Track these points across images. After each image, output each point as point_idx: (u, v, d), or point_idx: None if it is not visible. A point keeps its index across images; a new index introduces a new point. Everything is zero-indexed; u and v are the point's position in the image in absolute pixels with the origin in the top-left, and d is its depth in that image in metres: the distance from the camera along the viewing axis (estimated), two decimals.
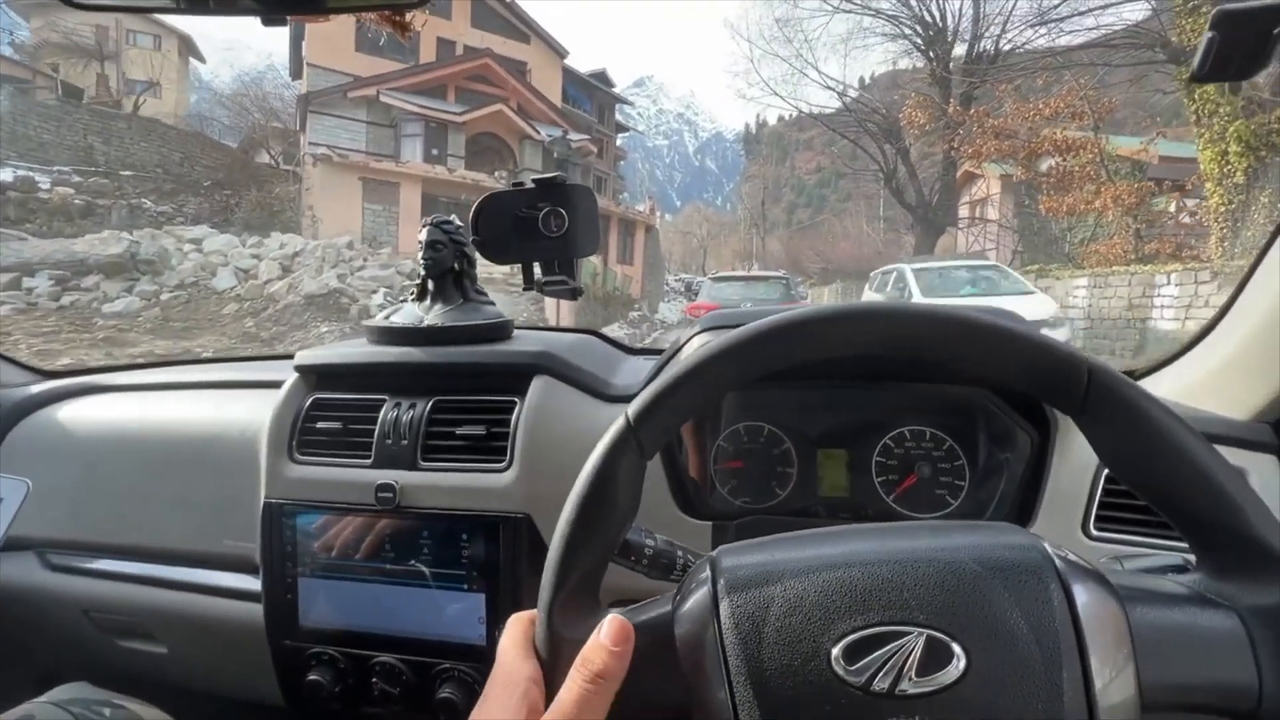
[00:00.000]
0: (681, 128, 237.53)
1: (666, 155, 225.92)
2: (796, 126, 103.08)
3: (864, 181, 37.61)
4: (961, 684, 0.34)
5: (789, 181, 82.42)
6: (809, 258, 41.45)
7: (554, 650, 0.41)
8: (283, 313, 9.53)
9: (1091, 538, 0.72)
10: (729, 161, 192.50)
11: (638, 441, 0.44)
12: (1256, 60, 0.62)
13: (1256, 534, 0.37)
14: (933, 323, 0.42)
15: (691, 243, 65.64)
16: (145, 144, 20.00)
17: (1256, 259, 0.75)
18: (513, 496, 0.81)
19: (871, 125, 24.28)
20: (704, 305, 10.40)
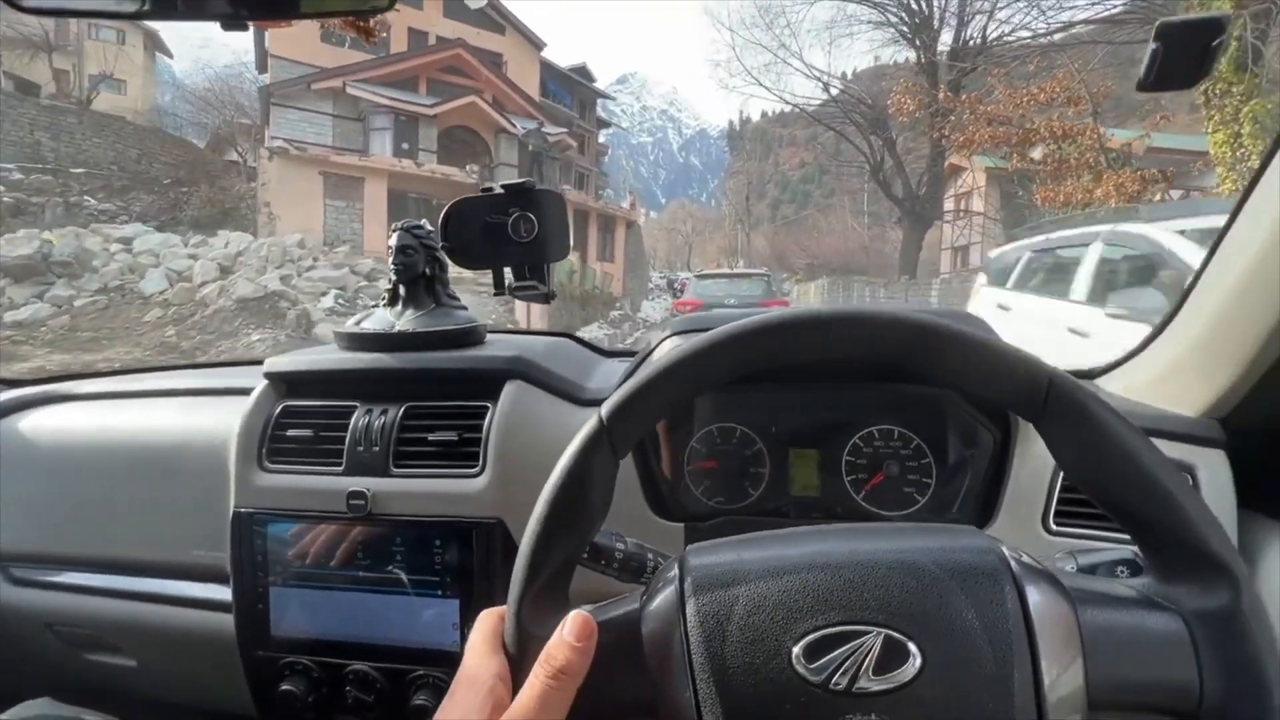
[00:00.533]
0: (665, 125, 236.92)
1: (651, 152, 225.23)
2: (780, 122, 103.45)
3: (848, 177, 37.90)
4: (916, 682, 0.36)
5: (773, 177, 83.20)
6: (794, 253, 40.91)
7: (522, 647, 0.42)
8: (211, 319, 8.60)
9: (1051, 532, 0.75)
10: (713, 158, 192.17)
11: (610, 441, 0.44)
12: (1198, 69, 0.66)
13: (1201, 540, 0.38)
14: (898, 328, 0.43)
15: (677, 239, 65.22)
16: (99, 140, 18.86)
17: (1206, 258, 0.76)
18: (485, 502, 0.81)
19: (857, 116, 23.56)
20: (690, 301, 10.51)
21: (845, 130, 24.00)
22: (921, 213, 22.36)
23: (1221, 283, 0.73)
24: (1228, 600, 0.37)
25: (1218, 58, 0.65)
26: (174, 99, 28.76)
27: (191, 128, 24.47)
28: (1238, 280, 0.70)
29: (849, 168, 30.68)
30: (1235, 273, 0.71)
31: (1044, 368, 0.42)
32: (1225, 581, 0.38)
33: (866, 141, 23.06)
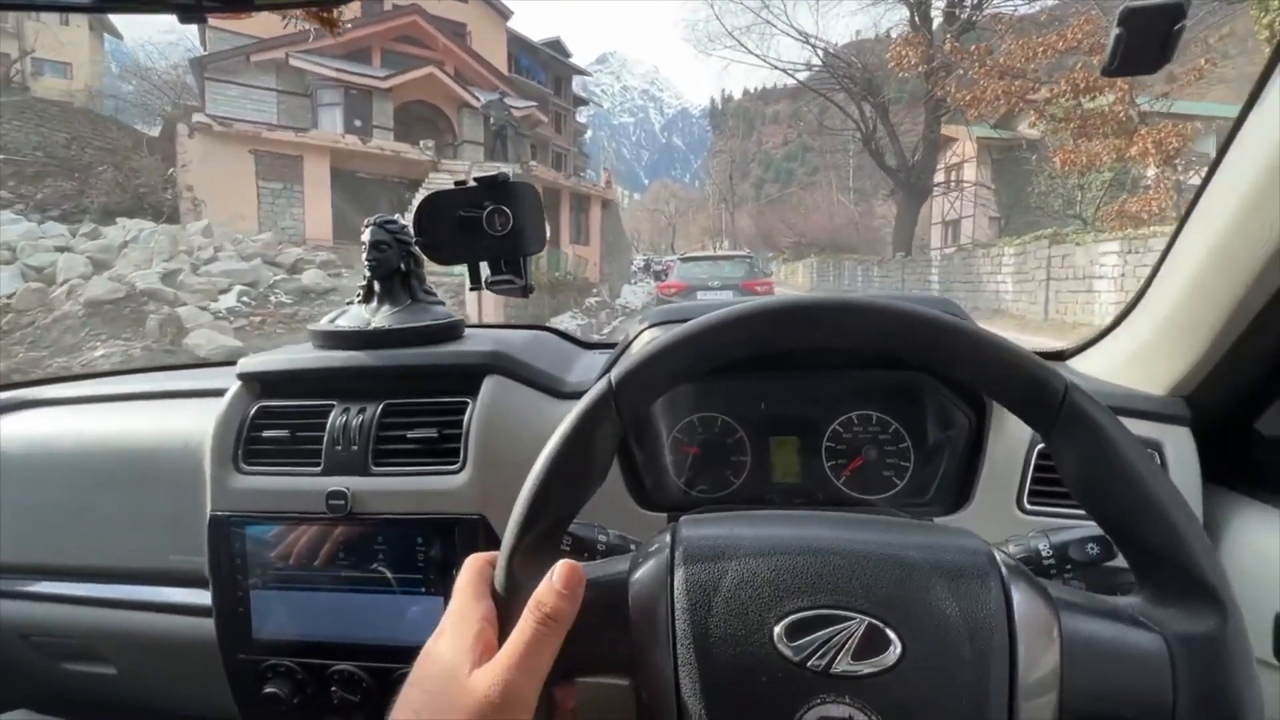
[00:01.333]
0: (647, 105, 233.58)
1: (633, 133, 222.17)
2: (763, 99, 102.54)
3: (832, 152, 36.97)
4: (893, 671, 0.37)
5: (756, 156, 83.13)
6: (780, 231, 39.38)
7: (511, 595, 0.42)
8: (50, 328, 6.65)
9: (1025, 511, 0.76)
10: (696, 138, 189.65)
11: (617, 406, 0.45)
12: (1162, 54, 0.66)
13: (1196, 567, 0.38)
14: (918, 324, 0.44)
15: (660, 221, 63.48)
16: (18, 123, 16.48)
17: (1170, 240, 0.78)
18: (467, 498, 0.81)
19: (848, 81, 21.65)
20: (675, 285, 10.40)
21: (835, 97, 22.20)
22: (917, 184, 20.69)
23: (1185, 265, 0.74)
24: (1213, 627, 0.38)
25: (1179, 42, 0.66)
26: (119, 81, 26.39)
27: (138, 111, 22.16)
28: (1200, 262, 0.71)
29: (835, 139, 29.01)
30: (1198, 255, 0.72)
31: (1060, 379, 0.42)
32: (1214, 610, 0.38)
33: (858, 108, 21.28)
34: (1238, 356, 0.71)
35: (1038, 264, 11.84)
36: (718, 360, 0.46)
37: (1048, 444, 0.43)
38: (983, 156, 20.02)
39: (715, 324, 0.45)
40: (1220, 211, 0.69)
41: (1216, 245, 0.69)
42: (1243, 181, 0.65)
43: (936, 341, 0.43)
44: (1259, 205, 0.63)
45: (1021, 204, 17.99)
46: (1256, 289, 0.66)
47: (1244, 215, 0.65)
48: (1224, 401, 0.76)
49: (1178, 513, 0.39)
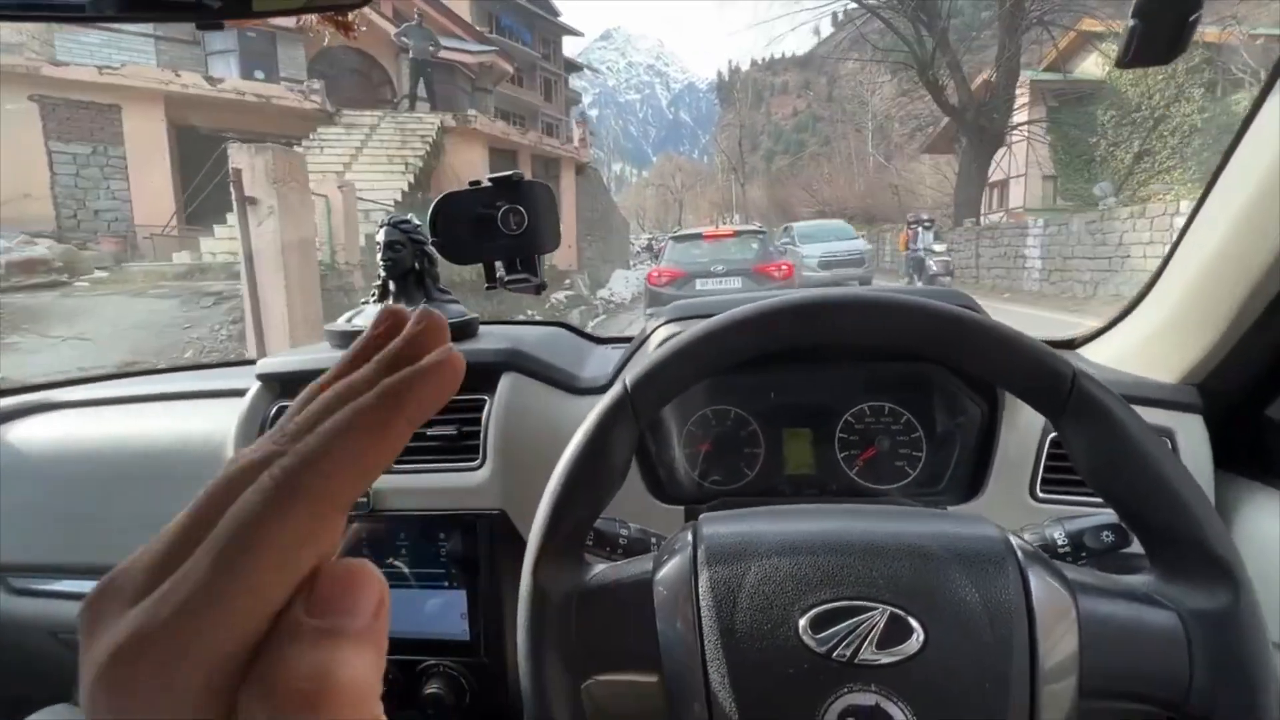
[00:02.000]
0: (653, 80, 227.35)
1: (639, 110, 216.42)
2: (770, 70, 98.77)
3: (839, 123, 31.57)
4: (917, 658, 0.38)
5: (766, 128, 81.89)
6: (799, 200, 34.79)
7: (539, 602, 0.43)
8: None
9: (1038, 500, 0.77)
10: (703, 112, 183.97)
11: (633, 408, 0.46)
12: (1175, 46, 0.65)
13: (1208, 544, 0.39)
14: (931, 318, 0.44)
15: (667, 197, 58.85)
16: None
17: (1183, 229, 0.78)
18: (487, 494, 0.82)
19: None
20: (666, 271, 8.32)
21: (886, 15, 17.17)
22: (989, 126, 15.63)
23: (1197, 253, 0.74)
24: (1227, 603, 0.38)
25: (1194, 33, 0.65)
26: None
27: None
28: (1213, 250, 0.72)
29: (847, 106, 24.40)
30: (1210, 244, 0.72)
31: (1068, 365, 0.43)
32: (1227, 585, 0.39)
33: (916, 31, 16.30)
34: (1250, 344, 0.72)
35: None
36: (734, 360, 0.46)
37: (1058, 430, 0.44)
38: (1035, 103, 16.67)
39: (731, 324, 0.46)
40: (1234, 200, 0.69)
41: (1230, 234, 0.69)
42: (1257, 170, 0.65)
43: (949, 334, 0.44)
44: (1273, 194, 0.64)
45: (1080, 160, 15.92)
46: (1269, 277, 0.66)
47: (1258, 204, 0.65)
48: (1236, 389, 0.77)
49: (1188, 491, 0.40)
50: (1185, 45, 0.64)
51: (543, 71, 27.90)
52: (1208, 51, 12.41)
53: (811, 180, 37.19)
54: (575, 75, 33.32)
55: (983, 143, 15.94)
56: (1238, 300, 0.69)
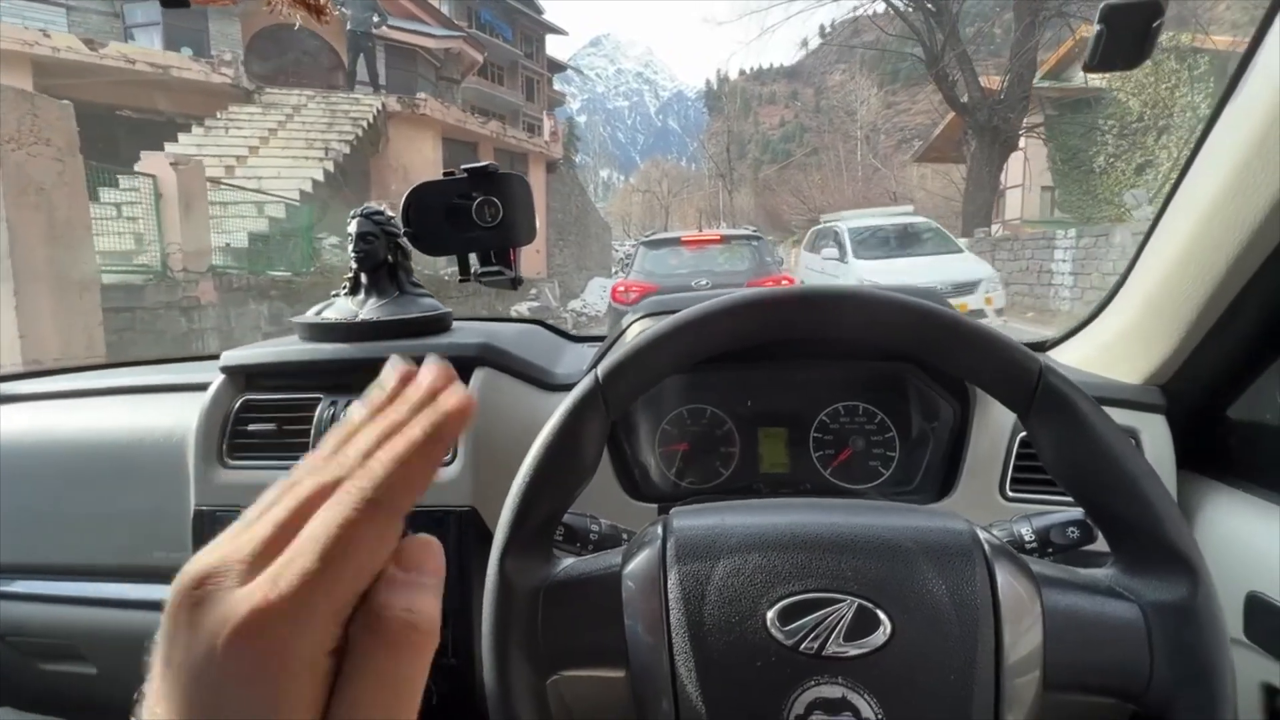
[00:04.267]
0: (642, 88, 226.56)
1: (628, 117, 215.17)
2: (758, 80, 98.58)
3: (826, 133, 30.32)
4: (884, 650, 0.38)
5: (754, 137, 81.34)
6: (790, 207, 32.82)
7: (504, 595, 0.42)
8: None
9: (1007, 498, 0.78)
10: (692, 120, 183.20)
11: (604, 399, 0.46)
12: (1140, 51, 0.67)
13: (1168, 537, 0.40)
14: (906, 312, 0.45)
15: (653, 204, 57.19)
16: None
17: (1148, 233, 0.80)
18: (458, 490, 0.81)
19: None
20: (635, 285, 6.57)
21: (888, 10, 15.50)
22: (1002, 127, 13.86)
23: (1160, 258, 0.76)
24: (1186, 594, 0.39)
25: (1158, 39, 0.67)
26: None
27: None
28: (1176, 254, 0.74)
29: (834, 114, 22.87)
30: (1174, 247, 0.74)
31: (1035, 361, 0.43)
32: (1186, 577, 0.39)
33: (927, 22, 14.61)
34: (1210, 347, 0.74)
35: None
36: (705, 354, 0.46)
37: (1025, 425, 0.45)
38: (1033, 110, 15.59)
39: (704, 315, 0.46)
40: (1195, 204, 0.71)
41: (1190, 240, 0.71)
42: (1218, 174, 0.67)
43: (920, 328, 0.45)
44: (1232, 198, 0.65)
45: (1080, 171, 14.97)
46: (1229, 280, 0.68)
47: (1218, 207, 0.67)
48: (1198, 390, 0.78)
49: (1150, 485, 0.40)
50: (1150, 51, 0.67)
51: (525, 70, 27.28)
52: (1216, 59, 11.74)
53: (802, 186, 35.47)
54: (562, 79, 31.52)
55: (995, 145, 14.20)
56: (1199, 304, 0.71)
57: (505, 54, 24.05)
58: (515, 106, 23.14)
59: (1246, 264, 0.66)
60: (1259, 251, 0.65)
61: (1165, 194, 0.76)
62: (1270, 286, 0.67)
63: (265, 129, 10.20)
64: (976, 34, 16.11)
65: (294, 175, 9.26)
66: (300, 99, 11.28)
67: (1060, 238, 10.90)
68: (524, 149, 15.37)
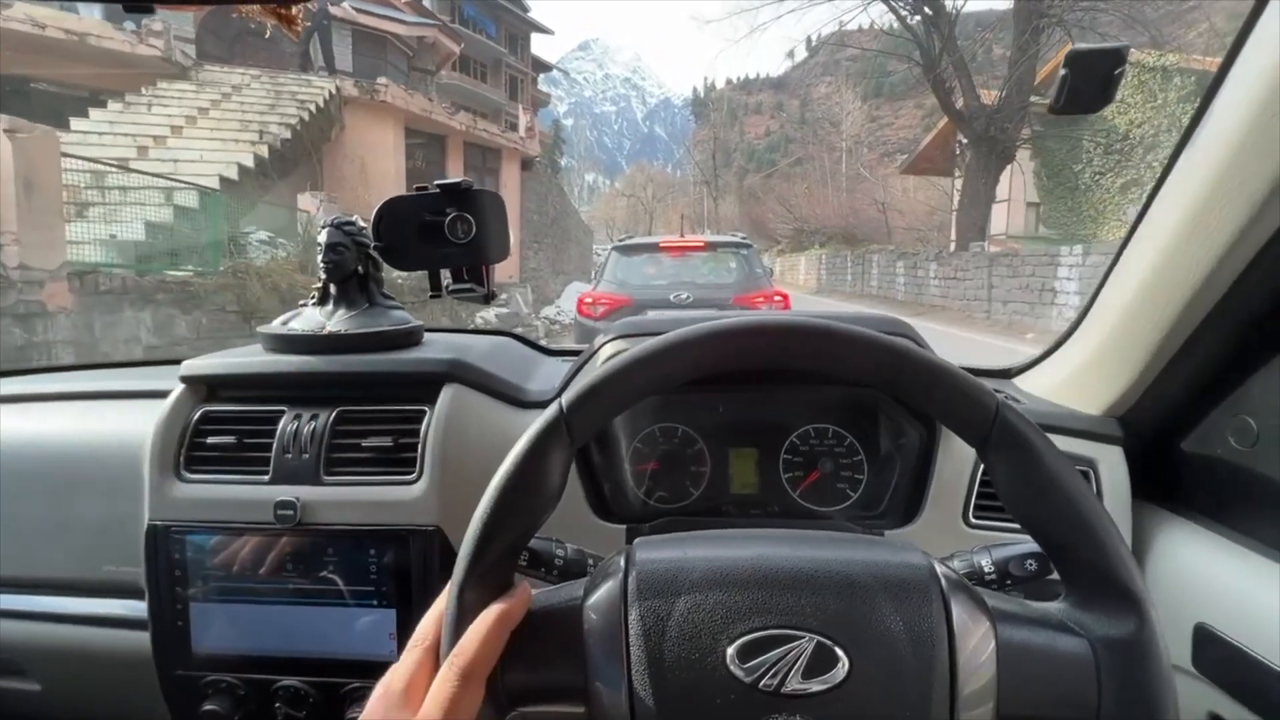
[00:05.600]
0: (629, 93, 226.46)
1: (615, 122, 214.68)
2: (745, 90, 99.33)
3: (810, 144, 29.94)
4: (842, 687, 0.38)
5: (739, 146, 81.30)
6: (777, 216, 32.05)
7: (462, 629, 0.42)
8: None
9: (970, 526, 0.79)
10: (678, 128, 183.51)
11: (569, 429, 0.45)
12: (1103, 96, 0.69)
13: (1117, 575, 0.41)
14: (874, 350, 0.46)
15: (637, 208, 56.53)
16: None
17: (1110, 266, 0.82)
18: (423, 509, 0.79)
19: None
20: (604, 297, 5.58)
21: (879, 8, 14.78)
22: (1000, 137, 13.10)
23: (1123, 290, 0.78)
24: (1133, 629, 0.40)
25: (1119, 85, 0.69)
26: None
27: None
28: (1136, 289, 0.75)
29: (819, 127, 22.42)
30: (1134, 281, 0.75)
31: (992, 397, 0.44)
32: (1134, 614, 0.40)
33: (928, 28, 13.89)
34: (1166, 380, 0.75)
35: None
36: (674, 383, 0.46)
37: (982, 458, 0.45)
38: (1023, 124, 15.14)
39: (673, 345, 0.45)
40: (1156, 239, 0.72)
41: (1151, 272, 0.72)
42: (1179, 210, 0.69)
43: (881, 363, 0.45)
44: (1192, 234, 0.67)
45: (1065, 188, 14.82)
46: (1186, 315, 0.70)
47: (1179, 243, 0.69)
48: (1154, 422, 0.80)
49: (1100, 522, 0.41)
50: (1112, 96, 0.69)
51: (508, 69, 26.28)
52: (1201, 80, 11.79)
53: (788, 195, 34.74)
54: (549, 82, 30.53)
55: (992, 156, 13.46)
56: (1157, 337, 0.73)
57: (488, 51, 23.54)
58: (498, 105, 22.51)
59: (1202, 302, 0.68)
60: (1215, 290, 0.67)
61: (1129, 227, 0.78)
62: (1224, 326, 0.69)
63: (196, 108, 9.02)
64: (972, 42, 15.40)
65: (218, 160, 8.07)
66: (243, 78, 10.14)
67: (1065, 254, 10.18)
68: (497, 144, 14.24)
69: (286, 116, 9.57)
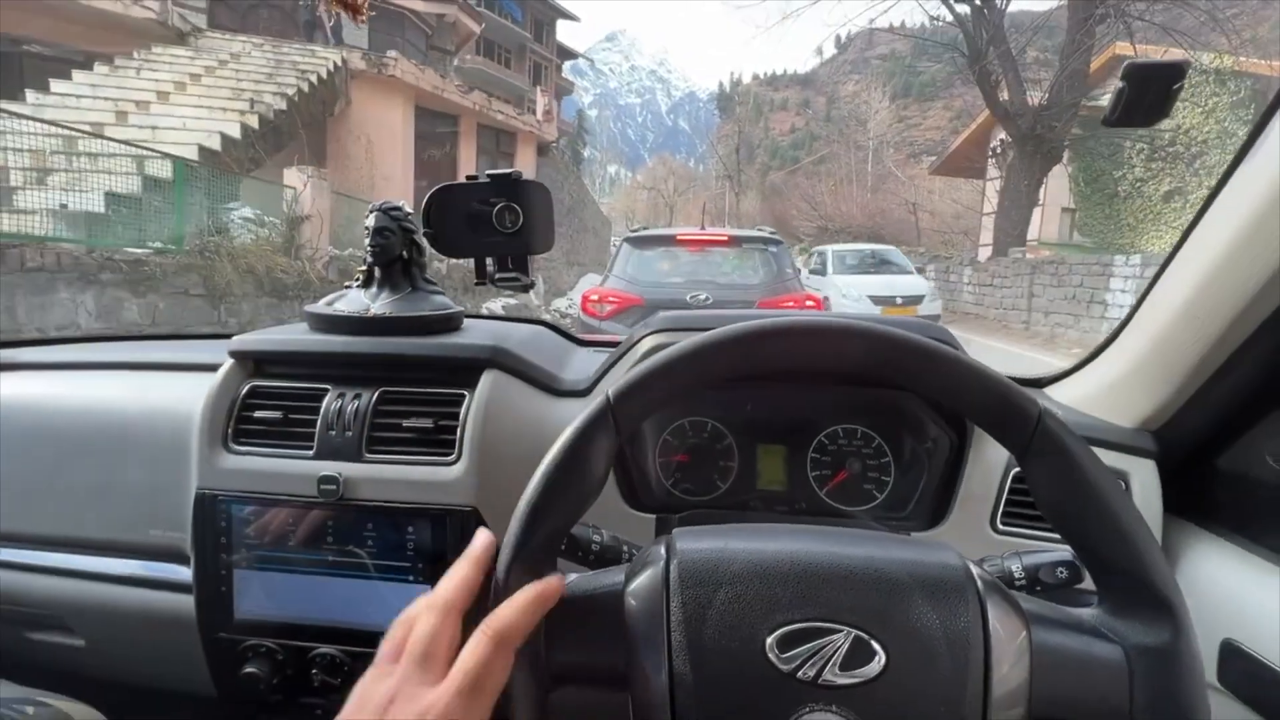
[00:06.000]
0: (654, 86, 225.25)
1: (639, 114, 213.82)
2: (771, 86, 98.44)
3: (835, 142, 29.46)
4: (878, 681, 0.39)
5: (763, 143, 79.80)
6: (800, 213, 31.17)
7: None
8: None
9: (998, 532, 0.79)
10: (702, 122, 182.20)
11: (615, 420, 0.46)
12: (1158, 110, 0.69)
13: (1154, 584, 0.41)
14: (914, 352, 0.46)
15: (658, 201, 55.84)
16: None
17: (1154, 279, 0.81)
18: (461, 490, 0.81)
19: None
20: (611, 295, 4.91)
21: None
22: (1047, 136, 12.24)
23: (1165, 305, 0.77)
24: (1168, 639, 0.40)
25: (1176, 100, 0.68)
26: None
27: None
28: (1181, 303, 0.75)
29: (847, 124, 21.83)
30: (1180, 296, 0.75)
31: (1035, 404, 0.44)
32: (1169, 622, 0.40)
33: (973, 9, 13.06)
34: (1206, 397, 0.74)
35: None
36: (718, 379, 0.47)
37: (1021, 465, 0.46)
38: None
39: (720, 342, 0.46)
40: (1206, 253, 0.71)
41: (1198, 287, 0.72)
42: (1231, 225, 0.68)
43: (923, 366, 0.45)
44: (1243, 250, 0.66)
45: (1103, 194, 14.05)
46: (1231, 332, 0.69)
47: (1228, 258, 0.68)
48: (1189, 438, 0.79)
49: (1139, 532, 0.41)
50: (1167, 111, 0.68)
51: (533, 54, 25.47)
52: (1256, 84, 11.16)
53: (812, 193, 33.84)
54: (575, 72, 30.21)
55: (1037, 156, 12.57)
56: (1198, 353, 0.72)
57: (513, 36, 23.20)
58: (520, 91, 22.04)
59: (1250, 318, 0.67)
60: (1262, 309, 0.66)
61: (1176, 240, 0.77)
62: (1269, 345, 0.68)
63: (188, 74, 8.44)
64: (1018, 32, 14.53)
65: (201, 129, 7.47)
66: (244, 45, 9.55)
67: (1120, 265, 9.38)
68: (512, 126, 13.61)
69: (284, 86, 8.94)
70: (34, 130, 5.82)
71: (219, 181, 7.23)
